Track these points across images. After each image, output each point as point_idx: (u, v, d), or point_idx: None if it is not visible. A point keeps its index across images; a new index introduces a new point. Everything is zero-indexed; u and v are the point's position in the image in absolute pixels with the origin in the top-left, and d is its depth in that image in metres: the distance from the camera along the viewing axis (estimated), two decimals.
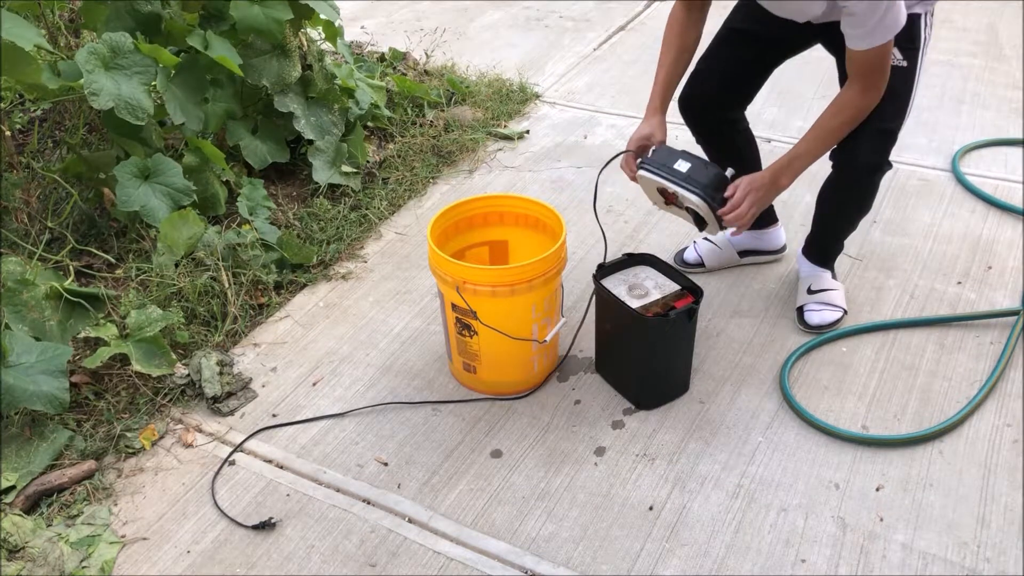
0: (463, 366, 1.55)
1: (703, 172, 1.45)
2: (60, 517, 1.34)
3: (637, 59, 2.91)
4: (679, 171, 1.45)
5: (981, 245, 1.92)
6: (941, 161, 2.25)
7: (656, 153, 1.51)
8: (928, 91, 2.59)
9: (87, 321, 1.56)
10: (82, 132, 1.95)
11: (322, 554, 1.27)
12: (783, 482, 1.36)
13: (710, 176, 1.44)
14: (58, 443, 1.43)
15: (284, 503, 1.36)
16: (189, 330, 1.67)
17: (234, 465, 1.43)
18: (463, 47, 3.03)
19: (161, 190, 1.80)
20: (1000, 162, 2.24)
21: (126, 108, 1.68)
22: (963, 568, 1.22)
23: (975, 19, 3.10)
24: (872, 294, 1.77)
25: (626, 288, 1.49)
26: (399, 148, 2.34)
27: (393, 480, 1.39)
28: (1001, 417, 1.46)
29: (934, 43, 2.89)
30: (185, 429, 1.51)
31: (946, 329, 1.68)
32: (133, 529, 1.32)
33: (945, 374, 1.56)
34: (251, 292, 1.80)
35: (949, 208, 2.06)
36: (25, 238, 1.79)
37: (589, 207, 2.10)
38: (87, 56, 1.65)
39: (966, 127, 2.41)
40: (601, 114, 2.57)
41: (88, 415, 1.51)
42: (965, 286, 1.79)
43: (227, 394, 1.56)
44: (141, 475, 1.42)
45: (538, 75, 2.81)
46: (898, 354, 1.61)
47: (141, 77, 1.72)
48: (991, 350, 1.61)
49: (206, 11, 1.96)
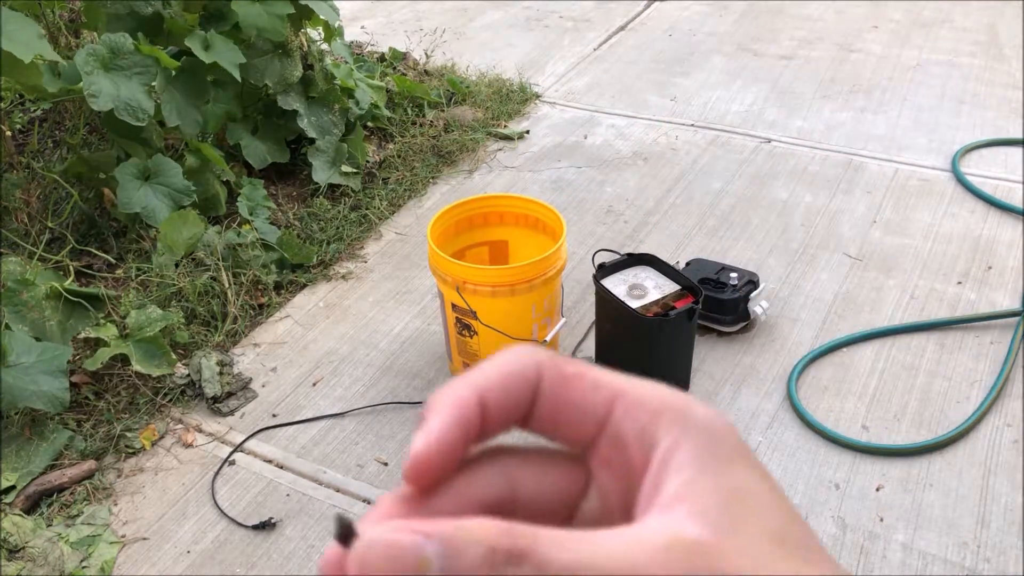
0: (463, 366, 1.55)
1: None
2: (60, 517, 1.34)
3: (637, 59, 2.91)
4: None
5: (981, 245, 1.92)
6: (941, 161, 2.25)
7: None
8: (928, 91, 2.59)
9: (87, 321, 1.56)
10: (82, 132, 1.94)
11: (322, 554, 1.27)
12: (783, 482, 1.36)
13: None
14: (58, 443, 1.43)
15: (284, 503, 1.36)
16: (189, 330, 1.67)
17: (234, 465, 1.43)
18: (463, 47, 3.03)
19: (162, 191, 1.80)
20: (1000, 162, 2.24)
21: (126, 109, 1.68)
22: (963, 568, 1.22)
23: (975, 19, 3.10)
24: (872, 294, 1.77)
25: (626, 288, 1.48)
26: (399, 148, 2.34)
27: (393, 480, 1.39)
28: (1001, 417, 1.46)
29: (933, 43, 2.90)
30: (185, 429, 1.51)
31: (946, 329, 1.67)
32: (133, 529, 1.32)
33: (945, 374, 1.56)
34: (251, 292, 1.80)
35: (949, 208, 2.06)
36: (25, 238, 1.79)
37: (589, 207, 2.10)
38: (86, 57, 1.65)
39: (966, 127, 2.40)
40: (601, 114, 2.57)
41: (88, 415, 1.51)
42: (965, 286, 1.79)
43: (227, 394, 1.56)
44: (141, 475, 1.42)
45: (538, 75, 2.81)
46: (898, 354, 1.61)
47: (141, 78, 1.72)
48: (991, 350, 1.61)
49: (207, 11, 1.96)
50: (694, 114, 2.51)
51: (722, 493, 0.22)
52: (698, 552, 0.21)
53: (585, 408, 0.24)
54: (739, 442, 0.23)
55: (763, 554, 0.21)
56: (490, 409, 0.24)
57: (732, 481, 0.22)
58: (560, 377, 0.25)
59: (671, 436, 0.23)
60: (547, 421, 0.25)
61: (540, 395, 0.25)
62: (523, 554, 0.20)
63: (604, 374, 0.25)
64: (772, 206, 2.07)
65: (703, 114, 2.50)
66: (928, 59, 2.78)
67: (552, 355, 0.25)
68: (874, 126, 2.40)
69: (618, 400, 0.24)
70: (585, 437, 0.25)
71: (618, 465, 0.24)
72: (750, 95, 2.59)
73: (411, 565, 0.20)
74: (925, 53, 2.83)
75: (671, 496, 0.22)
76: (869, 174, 2.19)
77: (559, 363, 0.25)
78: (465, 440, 0.24)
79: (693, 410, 0.24)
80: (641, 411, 0.24)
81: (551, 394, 0.25)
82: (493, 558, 0.20)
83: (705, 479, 0.22)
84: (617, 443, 0.24)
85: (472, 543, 0.20)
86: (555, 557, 0.20)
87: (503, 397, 0.24)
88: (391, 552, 0.20)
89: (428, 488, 0.24)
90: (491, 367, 0.25)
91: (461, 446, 0.24)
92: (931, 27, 3.02)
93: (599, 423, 0.24)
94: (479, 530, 0.20)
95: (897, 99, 2.54)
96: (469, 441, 0.24)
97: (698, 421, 0.23)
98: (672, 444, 0.23)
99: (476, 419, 0.24)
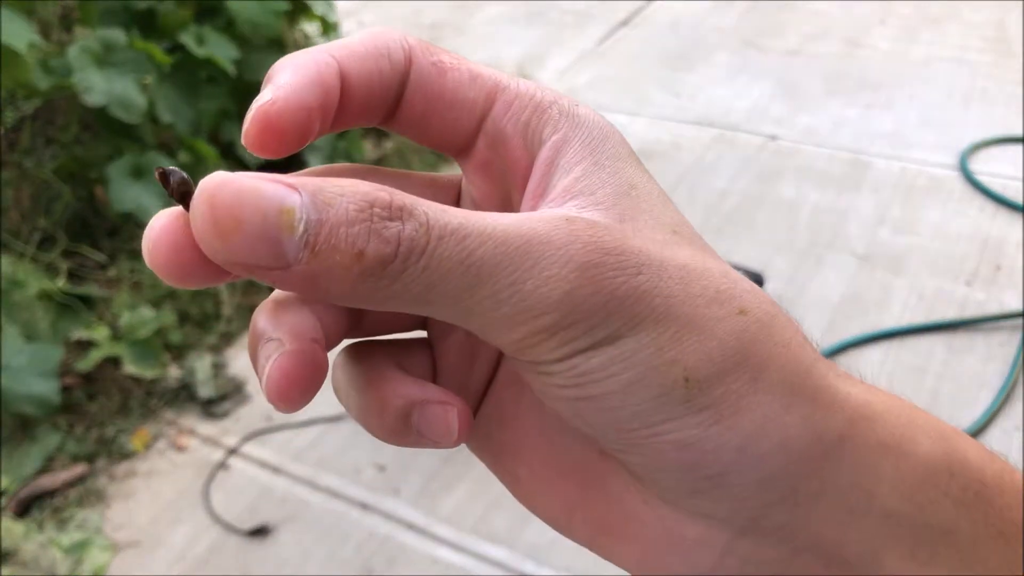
0: None
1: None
2: (52, 521, 1.32)
3: (640, 54, 2.87)
4: None
5: (990, 245, 1.89)
6: (950, 159, 2.22)
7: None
8: (936, 87, 2.56)
9: (79, 322, 1.54)
10: (74, 130, 1.92)
11: (318, 560, 1.25)
12: None
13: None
14: (49, 446, 1.41)
15: (279, 508, 1.33)
16: (182, 331, 1.65)
17: (228, 469, 1.41)
18: (462, 42, 3.00)
19: (155, 189, 1.78)
20: (1010, 160, 2.21)
21: (119, 105, 1.66)
22: None
23: (984, 14, 3.06)
24: (880, 294, 1.74)
25: None
26: (396, 145, 2.31)
27: (390, 485, 1.36)
28: (1011, 420, 1.43)
29: (942, 38, 2.86)
30: (178, 432, 1.48)
31: (955, 331, 1.65)
32: (126, 534, 1.30)
33: (954, 376, 1.53)
34: (245, 292, 1.78)
35: (958, 207, 2.03)
36: (16, 238, 1.77)
37: None
38: (79, 53, 1.63)
39: (975, 124, 2.37)
40: (603, 111, 2.53)
41: (80, 417, 1.49)
42: (974, 286, 1.76)
43: (221, 397, 1.54)
44: (134, 479, 1.39)
45: (539, 71, 2.78)
46: (906, 356, 1.59)
47: (135, 74, 1.70)
48: (1000, 352, 1.58)
49: (201, 7, 1.94)
50: (698, 110, 2.47)
51: (616, 187, 0.20)
52: (602, 227, 0.18)
53: (462, 102, 0.21)
54: (625, 142, 0.22)
55: (664, 241, 0.19)
56: (352, 83, 0.20)
57: (625, 178, 0.20)
58: (432, 65, 0.21)
59: (559, 133, 0.21)
60: (417, 116, 0.21)
61: (410, 84, 0.21)
62: (404, 209, 0.17)
63: (481, 65, 0.22)
64: (778, 205, 2.04)
65: (707, 110, 2.47)
66: (936, 55, 2.75)
67: (422, 40, 0.22)
68: (881, 123, 2.37)
69: (499, 94, 0.22)
70: (461, 136, 0.22)
71: (497, 167, 0.22)
72: (755, 91, 2.56)
73: (271, 216, 0.16)
74: (933, 49, 2.79)
75: (562, 190, 0.20)
76: (876, 172, 2.16)
77: (431, 49, 0.22)
78: (322, 106, 0.20)
79: (579, 108, 0.22)
80: (524, 106, 0.22)
81: (423, 82, 0.21)
82: (370, 212, 0.17)
83: (599, 174, 0.20)
84: (497, 141, 0.22)
85: (346, 194, 0.17)
86: (442, 218, 0.17)
87: (367, 72, 0.20)
88: (247, 198, 0.16)
89: (275, 152, 0.19)
90: (352, 39, 0.21)
91: (317, 111, 0.20)
92: (939, 22, 2.98)
93: (477, 119, 0.22)
94: (351, 184, 0.17)
95: (904, 96, 2.51)
96: (327, 111, 0.20)
97: (585, 119, 0.22)
98: (560, 140, 0.21)
99: (335, 87, 0.20)
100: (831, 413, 0.20)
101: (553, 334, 0.18)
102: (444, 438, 0.21)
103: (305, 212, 0.16)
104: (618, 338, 0.18)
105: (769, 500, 0.19)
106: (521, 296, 0.17)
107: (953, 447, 0.21)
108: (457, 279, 0.17)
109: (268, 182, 0.17)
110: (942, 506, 0.20)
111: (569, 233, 0.18)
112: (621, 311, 0.18)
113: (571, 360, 0.18)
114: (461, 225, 0.17)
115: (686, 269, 0.19)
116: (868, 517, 0.20)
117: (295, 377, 0.19)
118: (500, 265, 0.17)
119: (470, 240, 0.17)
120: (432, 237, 0.17)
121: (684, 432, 0.18)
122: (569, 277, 0.17)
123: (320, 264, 0.16)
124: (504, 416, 0.23)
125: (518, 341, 0.18)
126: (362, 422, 0.22)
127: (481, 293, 0.17)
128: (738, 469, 0.19)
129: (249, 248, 0.16)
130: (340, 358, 0.23)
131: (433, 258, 0.17)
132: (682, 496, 0.19)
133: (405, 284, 0.17)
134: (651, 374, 0.18)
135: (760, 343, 0.19)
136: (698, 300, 0.18)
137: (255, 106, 0.19)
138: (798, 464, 0.19)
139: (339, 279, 0.17)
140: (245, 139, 0.19)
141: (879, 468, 0.20)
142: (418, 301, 0.17)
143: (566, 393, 0.19)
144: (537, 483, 0.24)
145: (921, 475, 0.20)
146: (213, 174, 0.17)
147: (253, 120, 0.19)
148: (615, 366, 0.18)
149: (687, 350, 0.18)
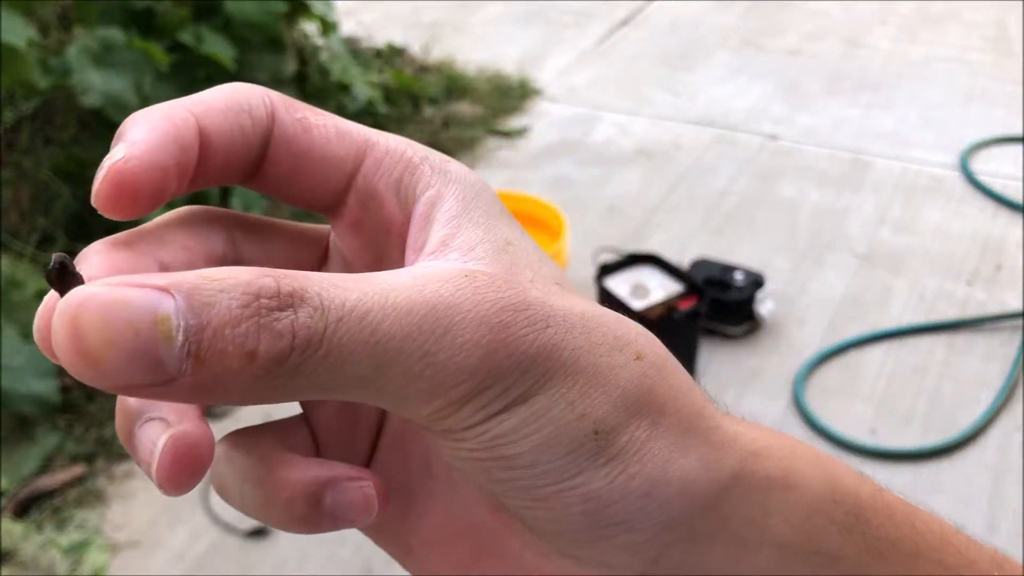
0: None
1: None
2: (51, 522, 1.32)
3: (640, 54, 2.87)
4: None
5: (991, 244, 1.89)
6: (950, 158, 2.22)
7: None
8: (936, 87, 2.56)
9: None
10: (73, 129, 1.92)
11: (318, 560, 1.25)
12: None
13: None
14: (48, 446, 1.41)
15: None
16: None
17: None
18: (462, 42, 2.99)
19: None
20: (1010, 159, 2.21)
21: (114, 107, 1.66)
22: None
23: (984, 14, 3.06)
24: (880, 294, 1.74)
25: (629, 288, 1.46)
26: None
27: None
28: (1012, 421, 1.43)
29: (942, 38, 2.86)
30: None
31: (956, 331, 1.65)
32: (125, 535, 1.30)
33: (955, 376, 1.53)
34: None
35: (958, 207, 2.03)
36: (15, 237, 1.77)
37: (591, 205, 2.07)
38: (78, 53, 1.62)
39: (975, 124, 2.37)
40: (603, 111, 2.54)
41: (79, 418, 1.49)
42: (975, 286, 1.76)
43: None
44: (133, 479, 1.39)
45: (539, 70, 2.78)
46: (907, 356, 1.59)
47: (133, 74, 1.69)
48: (1001, 352, 1.58)
49: (199, 6, 1.94)
50: (698, 110, 2.47)
51: (493, 243, 0.19)
52: (502, 280, 0.18)
53: (330, 159, 0.20)
54: (497, 199, 0.21)
55: (555, 292, 0.19)
56: (211, 141, 0.19)
57: (500, 234, 0.20)
58: (297, 122, 0.20)
59: (433, 189, 0.20)
60: (282, 175, 0.20)
61: (273, 141, 0.20)
62: (294, 295, 0.15)
63: (348, 122, 0.21)
64: (778, 204, 2.04)
65: (707, 110, 2.47)
66: (936, 55, 2.75)
67: (284, 96, 0.21)
68: (882, 123, 2.37)
69: (369, 151, 0.21)
70: (330, 194, 0.21)
71: (369, 225, 0.21)
72: (755, 91, 2.56)
73: (144, 329, 0.15)
74: (933, 49, 2.79)
75: (439, 242, 0.19)
76: (877, 172, 2.16)
77: (295, 104, 0.21)
78: (179, 165, 0.18)
79: (451, 164, 0.21)
80: (396, 163, 0.21)
81: (287, 140, 0.20)
82: (256, 306, 0.15)
83: (474, 231, 0.19)
84: (369, 199, 0.21)
85: (226, 289, 0.15)
86: (337, 296, 0.16)
87: (227, 129, 0.19)
88: (113, 313, 0.15)
89: (128, 214, 0.18)
90: (210, 93, 0.20)
91: (173, 170, 0.18)
92: (939, 22, 2.98)
93: (347, 176, 0.21)
94: (230, 276, 0.15)
95: (905, 95, 2.51)
96: (184, 170, 0.18)
97: (457, 175, 0.21)
98: (435, 196, 0.20)
99: (193, 144, 0.19)
100: (724, 452, 0.20)
101: (468, 401, 0.17)
102: (364, 515, 0.19)
103: (182, 318, 0.15)
104: (530, 396, 0.18)
105: (668, 541, 0.19)
106: (435, 369, 0.17)
107: (831, 474, 0.21)
108: (364, 360, 0.16)
109: (135, 288, 0.15)
110: (829, 533, 0.20)
111: (475, 292, 0.17)
112: (533, 368, 0.18)
113: (485, 424, 0.18)
114: (360, 300, 0.16)
115: (585, 317, 0.19)
116: (761, 550, 0.20)
117: (189, 460, 0.18)
118: (409, 338, 0.16)
119: (372, 315, 0.16)
120: (330, 321, 0.16)
121: (592, 484, 0.18)
122: (482, 342, 0.17)
123: (208, 372, 0.15)
124: (392, 483, 0.21)
125: (433, 413, 0.17)
126: (263, 516, 0.20)
127: (392, 371, 0.16)
128: (643, 515, 0.19)
129: (124, 369, 0.15)
130: (222, 452, 0.20)
131: (334, 343, 0.16)
132: (583, 546, 0.19)
133: (308, 376, 0.16)
134: (564, 430, 0.18)
135: (657, 388, 0.19)
136: (600, 349, 0.18)
137: (106, 164, 0.18)
138: (697, 505, 0.19)
139: (233, 384, 0.15)
140: (95, 199, 0.18)
141: (768, 502, 0.20)
142: (325, 389, 0.16)
143: (477, 455, 0.18)
144: (429, 551, 0.22)
145: (808, 505, 0.20)
146: (73, 291, 0.15)
147: (105, 180, 0.18)
148: (528, 427, 0.18)
149: (596, 402, 0.18)
